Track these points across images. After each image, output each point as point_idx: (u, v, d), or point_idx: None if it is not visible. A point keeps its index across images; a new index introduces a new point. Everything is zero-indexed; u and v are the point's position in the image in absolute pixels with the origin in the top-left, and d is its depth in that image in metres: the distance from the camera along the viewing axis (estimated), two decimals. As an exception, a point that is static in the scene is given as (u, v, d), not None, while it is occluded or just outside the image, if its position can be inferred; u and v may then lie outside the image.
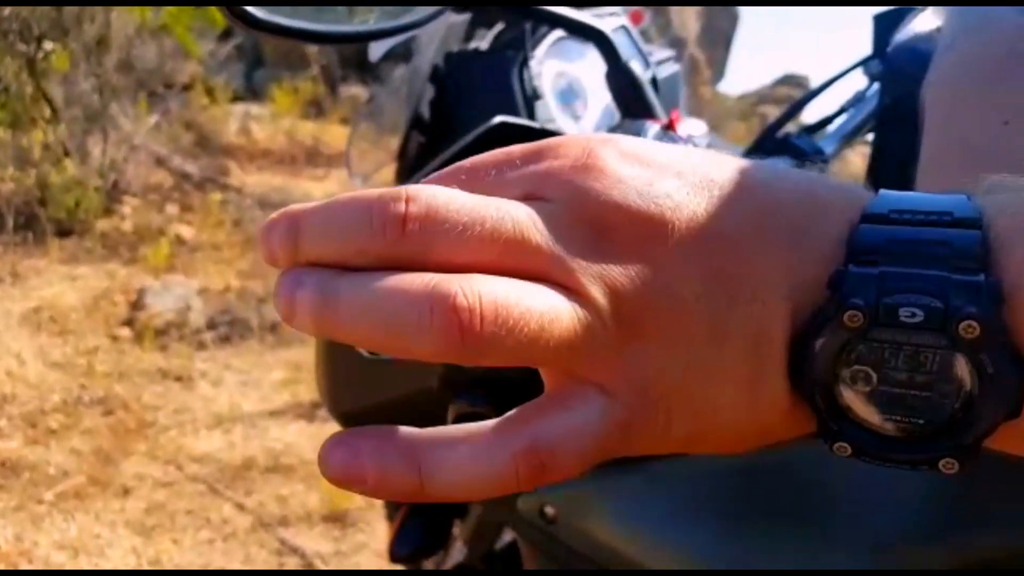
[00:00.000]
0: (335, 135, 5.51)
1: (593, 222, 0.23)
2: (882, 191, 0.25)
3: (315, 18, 0.38)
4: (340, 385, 0.44)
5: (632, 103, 0.53)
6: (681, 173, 0.24)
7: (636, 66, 0.54)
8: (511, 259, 0.22)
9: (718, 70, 12.20)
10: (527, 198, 0.24)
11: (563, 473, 0.23)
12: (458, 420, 0.33)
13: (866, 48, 0.82)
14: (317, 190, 4.65)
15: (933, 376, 0.23)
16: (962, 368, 0.22)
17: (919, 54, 0.50)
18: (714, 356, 0.24)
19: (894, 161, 0.53)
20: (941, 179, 0.39)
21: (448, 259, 0.22)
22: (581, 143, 0.25)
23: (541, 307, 0.22)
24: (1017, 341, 0.22)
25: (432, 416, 0.34)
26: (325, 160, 5.21)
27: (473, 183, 0.24)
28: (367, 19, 0.40)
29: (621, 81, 0.53)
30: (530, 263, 0.23)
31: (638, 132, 0.47)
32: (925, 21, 0.63)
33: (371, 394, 0.42)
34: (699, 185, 0.24)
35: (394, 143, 0.83)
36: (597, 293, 0.23)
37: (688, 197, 0.24)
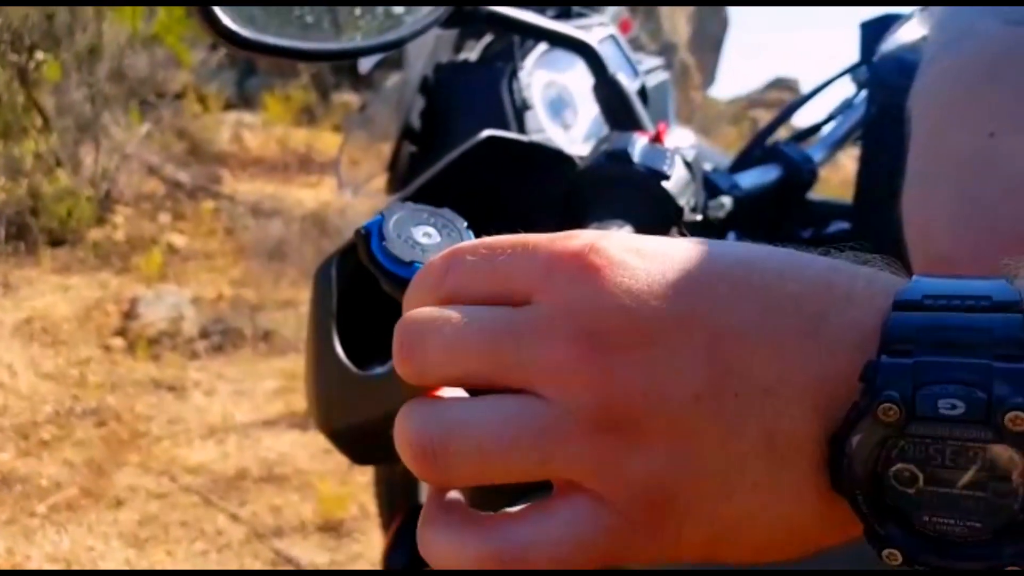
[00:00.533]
0: (327, 142, 5.50)
1: (587, 327, 0.23)
2: (916, 277, 0.24)
3: (302, 36, 0.38)
4: (330, 402, 0.44)
5: (620, 115, 0.53)
6: (683, 268, 0.24)
7: (623, 78, 0.55)
8: (492, 371, 0.24)
9: (709, 75, 12.24)
10: (518, 296, 0.24)
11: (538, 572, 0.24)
12: None
13: (855, 52, 0.83)
14: (310, 197, 4.65)
15: (985, 474, 0.21)
16: (1015, 464, 0.21)
17: (905, 64, 0.51)
18: (724, 457, 0.23)
19: (882, 171, 0.53)
20: (927, 193, 0.39)
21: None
22: (581, 239, 0.24)
23: (515, 429, 0.23)
24: None
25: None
26: (318, 167, 5.20)
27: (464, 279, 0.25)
28: (353, 36, 0.40)
29: (608, 93, 0.53)
30: (514, 377, 0.23)
31: (626, 144, 0.47)
32: (911, 30, 0.63)
33: (361, 411, 0.42)
34: (702, 280, 0.24)
35: (385, 153, 0.83)
36: (587, 400, 0.22)
37: (690, 293, 0.23)
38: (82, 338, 3.07)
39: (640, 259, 0.24)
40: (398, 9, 0.42)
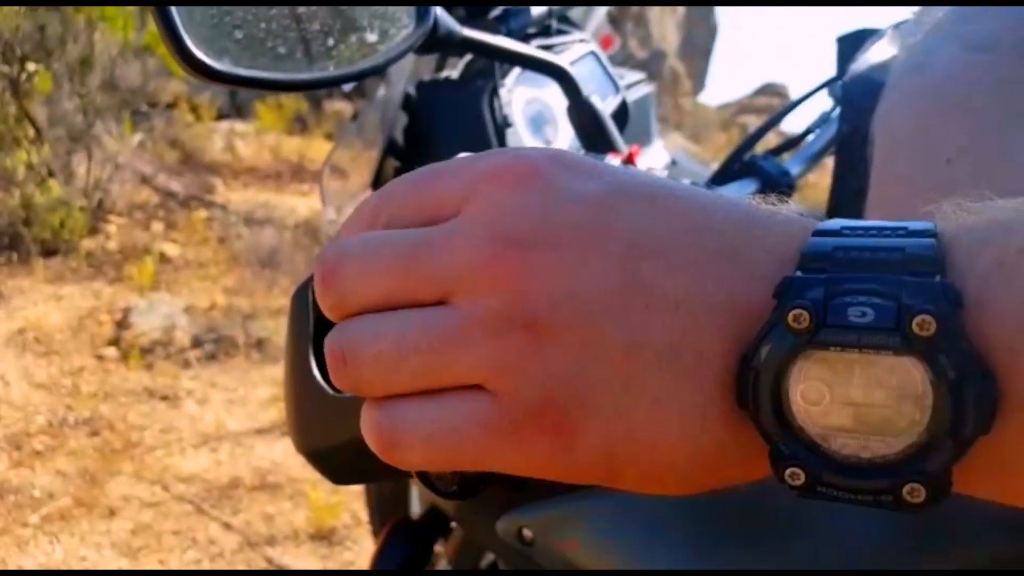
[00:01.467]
0: (320, 150, 5.51)
1: (499, 231, 0.23)
2: (835, 218, 0.24)
3: (275, 67, 0.39)
4: (307, 423, 0.45)
5: (594, 137, 0.54)
6: (608, 182, 0.24)
7: (597, 100, 0.56)
8: (406, 286, 0.24)
9: (698, 81, 12.29)
10: (445, 215, 0.24)
11: (414, 457, 0.24)
12: None
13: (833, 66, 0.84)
14: (302, 206, 4.65)
15: (891, 388, 0.21)
16: (922, 376, 0.20)
17: (872, 84, 0.52)
18: (626, 368, 0.22)
19: (851, 190, 0.54)
20: (888, 217, 0.40)
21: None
22: (506, 153, 0.25)
23: (417, 336, 0.23)
24: (981, 348, 0.20)
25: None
26: (310, 176, 5.21)
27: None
28: (327, 65, 0.41)
29: (582, 115, 0.54)
30: (428, 289, 0.24)
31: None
32: (881, 50, 0.64)
33: (337, 433, 0.43)
34: (625, 195, 0.24)
35: (368, 171, 0.84)
36: (492, 303, 0.23)
37: (612, 205, 0.23)
38: (75, 348, 3.07)
39: (563, 170, 0.24)
40: (372, 37, 0.43)
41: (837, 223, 0.23)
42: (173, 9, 0.35)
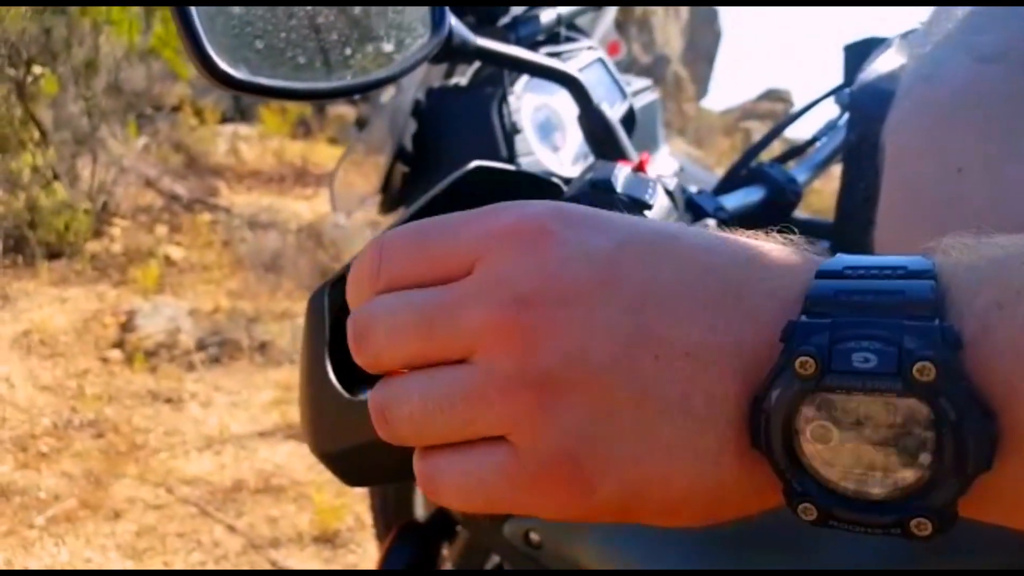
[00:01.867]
0: (323, 154, 5.52)
1: (511, 291, 0.24)
2: (838, 254, 0.25)
3: (294, 76, 0.39)
4: (322, 426, 0.45)
5: (604, 145, 0.54)
6: (609, 235, 0.25)
7: (607, 108, 0.56)
8: (430, 347, 0.25)
9: (702, 86, 12.30)
10: (451, 274, 0.26)
11: (451, 501, 0.26)
12: None
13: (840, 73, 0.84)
14: (306, 209, 4.66)
15: (896, 429, 0.22)
16: (924, 417, 0.21)
17: (881, 93, 0.52)
18: (639, 418, 0.23)
19: (860, 198, 0.55)
20: (899, 227, 0.40)
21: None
22: (509, 211, 0.26)
23: (442, 395, 0.25)
24: (980, 388, 0.21)
25: (410, 454, 0.36)
26: (314, 179, 5.22)
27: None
28: (344, 75, 0.41)
29: (593, 123, 0.55)
30: (450, 349, 0.25)
31: (609, 174, 0.48)
32: (889, 59, 0.65)
33: (351, 435, 0.43)
34: (627, 246, 0.24)
35: (380, 167, 0.85)
36: (509, 362, 0.24)
37: (614, 259, 0.24)
38: (80, 350, 3.07)
39: (566, 226, 0.25)
40: (388, 47, 0.43)
41: (840, 262, 0.24)
42: (196, 19, 0.36)
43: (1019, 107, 0.36)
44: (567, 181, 0.82)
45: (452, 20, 0.46)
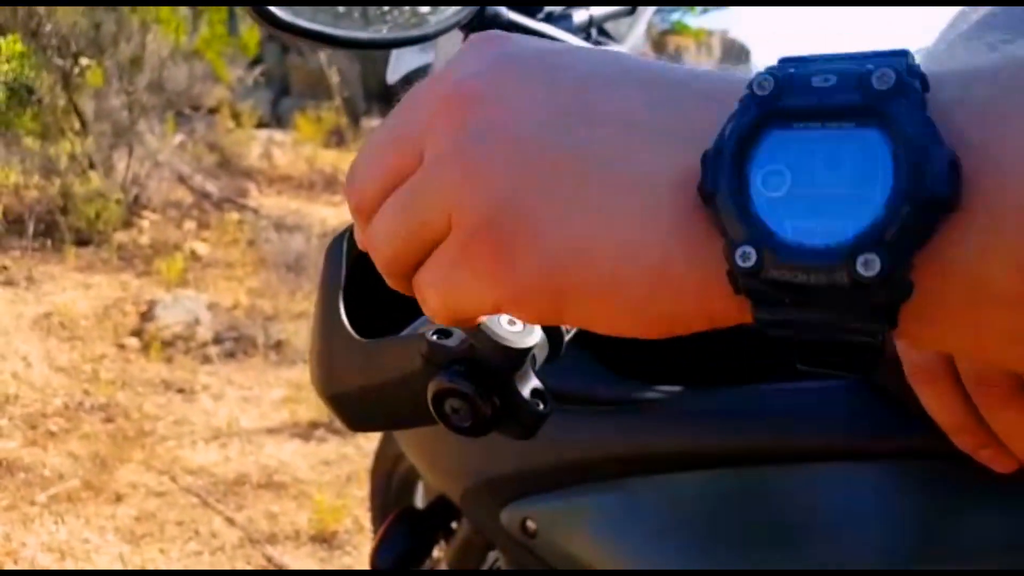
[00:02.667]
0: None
1: (460, 77, 0.24)
2: None
3: (333, 24, 0.42)
4: (333, 368, 0.47)
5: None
6: (563, 45, 0.25)
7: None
8: (400, 155, 0.26)
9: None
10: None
11: (436, 310, 0.26)
12: (437, 396, 0.35)
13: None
14: (332, 216, 4.72)
15: (856, 166, 0.20)
16: (881, 147, 0.20)
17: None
18: (566, 182, 0.22)
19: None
20: None
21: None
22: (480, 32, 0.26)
23: (401, 202, 0.26)
24: (943, 122, 0.19)
25: (417, 397, 0.37)
26: (343, 187, 5.28)
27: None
28: (380, 28, 0.43)
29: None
30: (413, 149, 0.26)
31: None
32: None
33: (360, 377, 0.45)
34: (579, 50, 0.25)
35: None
36: (445, 143, 0.24)
37: (562, 54, 0.24)
38: (98, 335, 3.12)
39: (520, 38, 0.26)
40: (424, 9, 0.45)
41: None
42: (246, -41, 0.38)
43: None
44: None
45: (487, -9, 0.48)
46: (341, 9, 0.42)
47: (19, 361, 2.88)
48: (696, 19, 11.78)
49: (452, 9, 0.46)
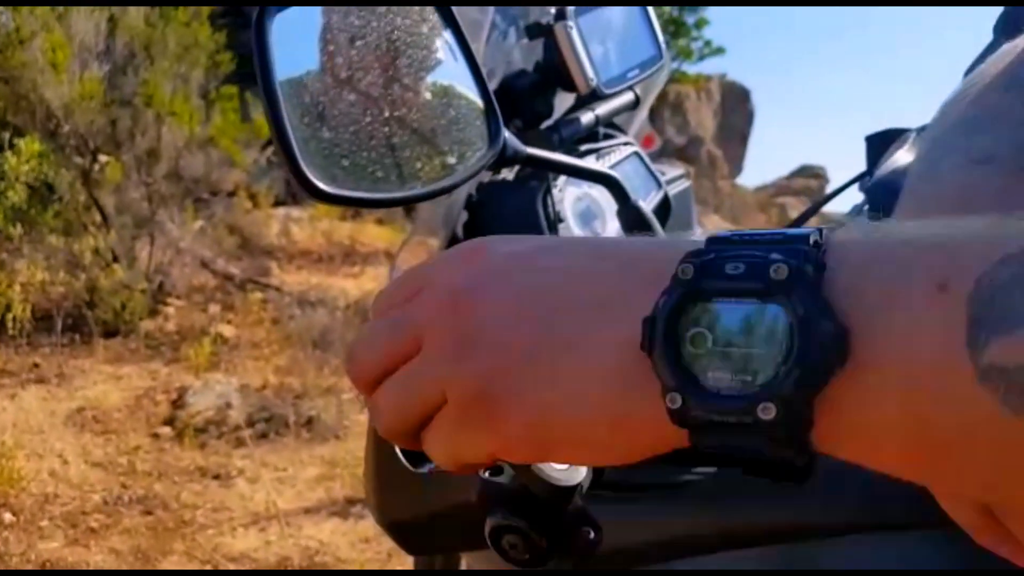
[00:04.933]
0: (371, 234, 5.70)
1: (451, 289, 0.31)
2: None
3: (373, 188, 0.46)
4: (388, 498, 0.50)
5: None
6: (530, 242, 0.32)
7: (643, 201, 0.62)
8: (399, 342, 0.32)
9: (736, 164, 12.41)
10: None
11: (440, 460, 0.32)
12: (495, 532, 0.38)
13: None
14: (353, 287, 4.79)
15: (761, 332, 0.25)
16: (780, 319, 0.25)
17: (895, 188, 0.57)
18: (542, 358, 0.29)
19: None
20: None
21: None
22: (464, 244, 0.33)
23: (401, 380, 0.32)
24: (830, 295, 0.24)
25: (472, 527, 0.40)
26: (361, 259, 5.37)
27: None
28: (415, 184, 0.48)
29: (630, 218, 0.61)
30: (412, 338, 0.32)
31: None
32: (903, 155, 0.70)
33: (416, 506, 0.48)
34: (549, 244, 0.32)
35: (431, 247, 0.92)
36: (442, 334, 0.30)
37: (531, 254, 0.31)
38: (132, 427, 3.16)
39: (496, 241, 0.32)
40: (451, 159, 0.50)
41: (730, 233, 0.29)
42: (293, 143, 0.43)
43: (1004, 203, 0.40)
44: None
45: (506, 133, 0.52)
46: (379, 174, 0.46)
47: (55, 459, 2.92)
48: (693, 66, 11.97)
49: (476, 156, 0.50)
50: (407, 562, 2.24)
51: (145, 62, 3.96)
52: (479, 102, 0.51)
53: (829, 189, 0.96)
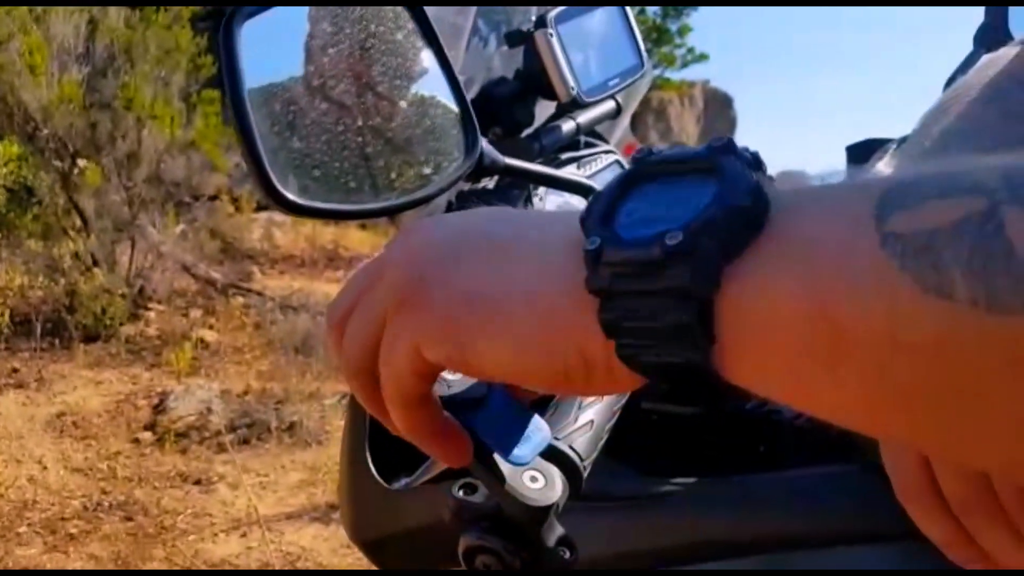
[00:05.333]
0: (353, 239, 5.67)
1: (395, 262, 0.32)
2: None
3: (346, 200, 0.45)
4: (361, 515, 0.49)
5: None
6: (456, 218, 0.33)
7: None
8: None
9: (719, 171, 12.47)
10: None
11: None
12: (468, 552, 0.38)
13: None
14: (335, 291, 4.74)
15: (690, 202, 0.26)
16: (710, 188, 0.26)
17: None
18: (474, 259, 0.30)
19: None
20: None
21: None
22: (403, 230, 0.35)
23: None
24: (761, 181, 0.25)
25: (446, 545, 0.39)
26: (344, 263, 5.35)
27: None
28: (390, 195, 0.47)
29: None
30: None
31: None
32: (883, 167, 0.69)
33: (390, 524, 0.47)
34: (501, 212, 0.34)
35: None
36: (390, 273, 0.32)
37: (488, 215, 0.33)
38: (112, 432, 3.13)
39: (423, 224, 0.34)
40: (427, 170, 0.49)
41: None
42: (262, 153, 0.42)
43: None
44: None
45: (483, 144, 0.51)
46: (352, 184, 0.45)
47: (34, 465, 2.88)
48: (676, 72, 12.01)
49: (453, 166, 0.49)
50: (390, 569, 2.23)
51: (125, 65, 3.92)
52: (456, 111, 0.50)
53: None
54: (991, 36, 0.89)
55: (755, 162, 0.26)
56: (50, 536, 2.52)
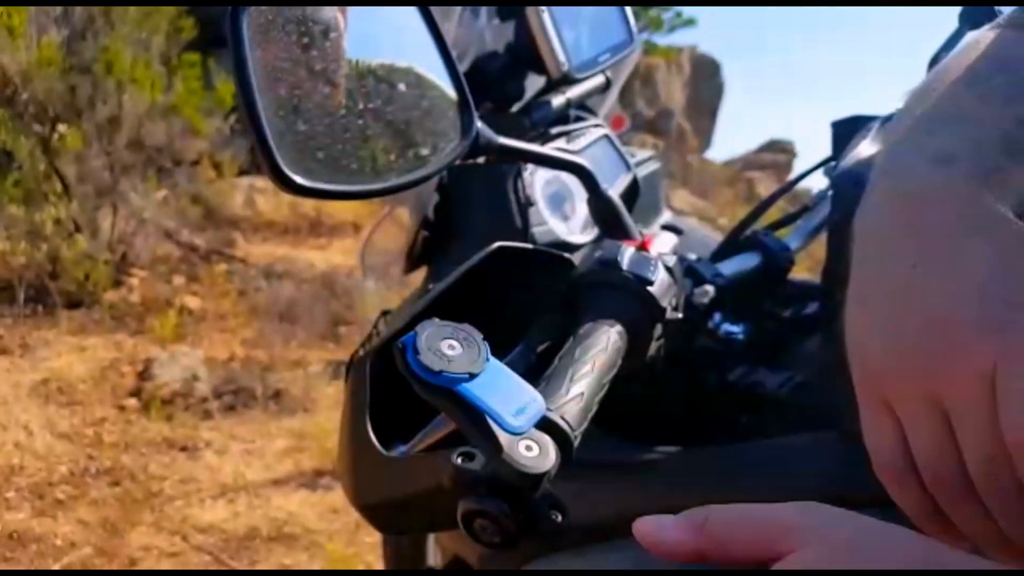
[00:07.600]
0: (337, 206, 5.63)
1: None
2: None
3: (348, 180, 0.46)
4: (361, 480, 0.51)
5: (611, 226, 0.61)
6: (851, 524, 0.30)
7: (613, 193, 0.63)
8: None
9: (705, 138, 12.45)
10: None
11: None
12: (466, 516, 0.40)
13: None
14: (320, 259, 4.75)
15: None
16: None
17: (859, 179, 0.59)
18: None
19: (844, 268, 0.61)
20: (861, 309, 0.44)
21: None
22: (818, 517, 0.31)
23: None
24: None
25: (445, 512, 0.41)
26: (327, 230, 5.33)
27: None
28: (389, 176, 0.48)
29: (601, 206, 0.62)
30: None
31: (615, 253, 0.55)
32: (869, 145, 0.71)
33: (389, 489, 0.49)
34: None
35: (404, 243, 0.92)
36: None
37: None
38: (97, 398, 3.13)
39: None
40: (425, 151, 0.50)
41: None
42: (268, 136, 0.43)
43: (965, 211, 0.40)
44: (578, 246, 0.89)
45: (479, 124, 0.53)
46: (354, 166, 0.46)
47: (20, 430, 2.89)
48: (664, 37, 11.89)
49: (449, 147, 0.51)
50: (374, 532, 2.27)
51: (105, 27, 3.85)
52: (452, 93, 0.52)
53: (797, 163, 0.99)
54: (975, 14, 0.91)
55: None
56: (38, 501, 2.53)
